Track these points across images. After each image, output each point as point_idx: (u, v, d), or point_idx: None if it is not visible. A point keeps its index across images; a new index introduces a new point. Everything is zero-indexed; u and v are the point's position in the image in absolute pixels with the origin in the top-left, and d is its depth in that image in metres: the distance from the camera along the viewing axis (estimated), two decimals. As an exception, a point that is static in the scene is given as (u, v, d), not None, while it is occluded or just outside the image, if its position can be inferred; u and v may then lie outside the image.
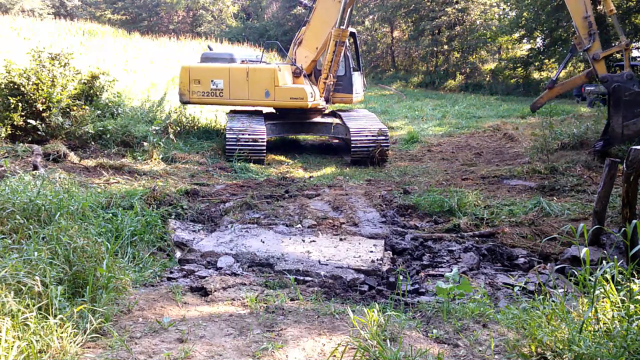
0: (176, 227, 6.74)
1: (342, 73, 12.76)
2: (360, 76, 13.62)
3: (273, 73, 11.87)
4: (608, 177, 5.46)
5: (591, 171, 9.46)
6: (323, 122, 12.67)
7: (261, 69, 12.21)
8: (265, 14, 49.57)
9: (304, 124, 12.68)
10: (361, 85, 13.58)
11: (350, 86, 12.74)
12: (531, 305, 3.78)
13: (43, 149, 9.37)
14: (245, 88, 12.13)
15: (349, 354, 3.34)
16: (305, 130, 13.04)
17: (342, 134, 12.43)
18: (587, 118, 15.56)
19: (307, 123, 12.69)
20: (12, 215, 4.86)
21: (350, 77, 12.70)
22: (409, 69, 40.87)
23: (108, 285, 4.00)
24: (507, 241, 6.44)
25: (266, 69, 12.13)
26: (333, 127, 12.45)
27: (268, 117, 12.55)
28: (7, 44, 19.74)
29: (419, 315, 4.21)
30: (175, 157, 10.74)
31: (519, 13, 34.07)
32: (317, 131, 12.97)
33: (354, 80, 12.81)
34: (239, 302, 4.37)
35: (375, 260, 5.82)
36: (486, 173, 10.18)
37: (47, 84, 10.29)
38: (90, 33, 29.48)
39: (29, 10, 41.98)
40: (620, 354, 2.96)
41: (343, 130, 12.30)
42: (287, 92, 11.81)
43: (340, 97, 12.95)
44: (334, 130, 12.46)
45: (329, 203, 8.23)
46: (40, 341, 3.13)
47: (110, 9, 49.31)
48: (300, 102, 11.72)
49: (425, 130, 16.54)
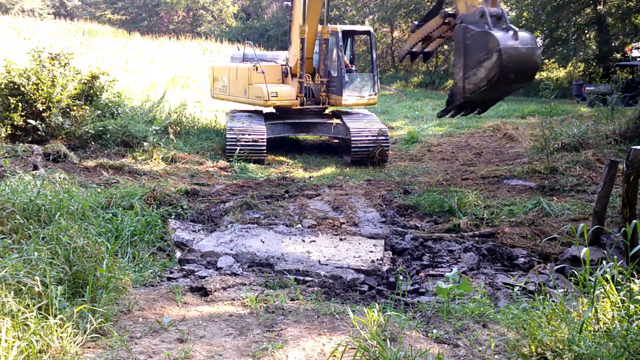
0: (176, 227, 6.74)
1: (335, 74, 12.42)
2: (365, 78, 12.83)
3: (248, 72, 12.37)
4: (608, 177, 5.46)
5: (591, 171, 9.45)
6: (323, 122, 12.60)
7: (242, 69, 12.68)
8: (265, 14, 49.53)
9: (303, 124, 12.60)
10: (362, 87, 12.76)
11: (340, 87, 12.25)
12: (531, 305, 3.78)
13: (43, 149, 9.37)
14: (236, 86, 13.00)
15: (349, 354, 3.33)
16: (305, 130, 12.95)
17: (342, 134, 12.37)
18: (587, 118, 15.57)
19: (307, 123, 12.60)
20: (12, 215, 4.85)
21: (341, 78, 12.20)
22: (409, 69, 40.85)
23: (108, 285, 4.00)
24: (507, 241, 6.44)
25: (244, 69, 12.63)
26: (333, 127, 12.37)
27: (268, 117, 12.56)
28: (7, 44, 19.75)
29: (419, 315, 4.21)
30: (175, 157, 10.74)
31: (519, 13, 34.05)
32: (317, 131, 12.92)
33: (346, 82, 12.24)
34: (239, 302, 4.37)
35: (375, 260, 5.82)
36: (486, 173, 10.17)
37: (47, 84, 10.29)
38: (90, 33, 29.50)
39: (29, 10, 41.94)
40: (620, 354, 2.96)
41: (343, 131, 12.24)
42: (254, 90, 12.15)
43: (334, 99, 12.50)
44: (335, 130, 12.39)
45: (329, 203, 8.23)
46: (40, 341, 3.13)
47: (110, 9, 49.29)
48: (259, 100, 12.07)
49: (425, 130, 16.54)
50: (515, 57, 6.93)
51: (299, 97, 12.22)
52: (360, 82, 12.61)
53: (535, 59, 7.33)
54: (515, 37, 6.95)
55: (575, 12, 31.10)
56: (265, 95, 11.81)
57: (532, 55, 7.22)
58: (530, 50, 7.12)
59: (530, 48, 7.11)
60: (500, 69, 6.89)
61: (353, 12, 42.58)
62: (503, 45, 6.81)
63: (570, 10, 30.85)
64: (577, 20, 31.68)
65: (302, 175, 10.75)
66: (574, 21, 31.73)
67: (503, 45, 6.82)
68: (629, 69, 23.76)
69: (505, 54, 6.82)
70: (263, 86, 11.83)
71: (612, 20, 30.93)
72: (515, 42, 6.95)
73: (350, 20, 39.44)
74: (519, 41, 6.97)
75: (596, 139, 11.19)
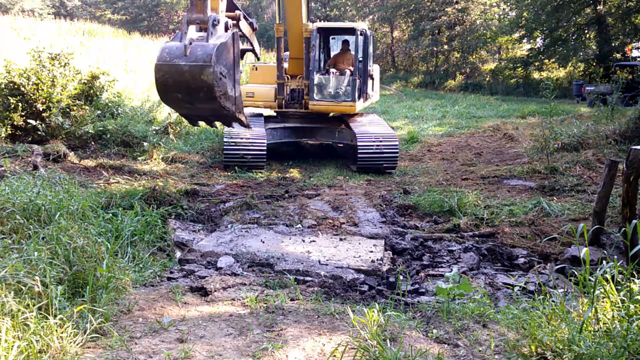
0: (176, 227, 6.74)
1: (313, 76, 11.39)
2: (342, 81, 11.42)
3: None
4: (608, 177, 5.46)
5: (591, 171, 9.45)
6: (327, 126, 11.94)
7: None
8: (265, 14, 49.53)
9: (306, 128, 11.93)
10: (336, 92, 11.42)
11: (311, 90, 11.31)
12: (531, 305, 3.78)
13: (43, 149, 9.37)
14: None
15: (349, 354, 3.33)
16: (308, 135, 12.22)
17: (347, 139, 11.59)
18: (587, 118, 15.58)
19: (309, 127, 11.94)
20: (12, 215, 4.85)
21: (311, 81, 11.28)
22: (409, 69, 40.92)
23: (108, 285, 4.00)
24: (507, 241, 6.44)
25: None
26: (338, 132, 11.68)
27: (268, 120, 12.04)
28: (7, 44, 19.73)
29: (419, 315, 4.21)
30: (175, 157, 10.74)
31: (519, 13, 34.13)
32: (320, 136, 12.16)
33: (316, 84, 11.30)
34: (239, 302, 4.37)
35: (375, 260, 5.82)
36: (486, 173, 10.18)
37: (47, 84, 10.29)
38: (90, 33, 29.47)
39: (29, 10, 41.96)
40: (620, 354, 2.96)
41: (349, 136, 11.45)
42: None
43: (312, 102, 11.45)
44: (339, 135, 11.69)
45: (329, 203, 8.23)
46: (40, 341, 3.13)
47: (110, 9, 49.34)
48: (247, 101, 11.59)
49: (425, 130, 16.55)
50: (174, 74, 5.79)
51: (277, 99, 11.61)
52: (334, 86, 11.41)
53: (202, 78, 5.72)
54: (185, 52, 5.72)
55: (575, 12, 31.12)
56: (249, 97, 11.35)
57: (199, 73, 5.73)
58: (195, 67, 5.72)
59: (197, 65, 5.70)
60: (156, 83, 6.02)
61: (353, 12, 42.63)
62: (159, 61, 5.85)
63: (570, 10, 30.87)
64: (577, 20, 31.71)
65: (302, 175, 10.73)
66: (574, 21, 31.76)
67: (160, 60, 5.84)
68: (629, 69, 23.76)
69: (159, 70, 5.85)
70: (242, 86, 11.35)
71: (612, 20, 30.96)
72: (179, 58, 5.75)
73: (350, 20, 39.45)
74: (188, 57, 5.72)
75: (596, 139, 11.19)
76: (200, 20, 5.93)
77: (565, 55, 31.83)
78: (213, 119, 7.18)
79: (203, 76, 5.66)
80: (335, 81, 11.47)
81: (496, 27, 36.75)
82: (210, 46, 5.72)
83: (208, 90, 5.74)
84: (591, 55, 31.57)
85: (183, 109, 6.68)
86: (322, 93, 11.37)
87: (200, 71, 5.67)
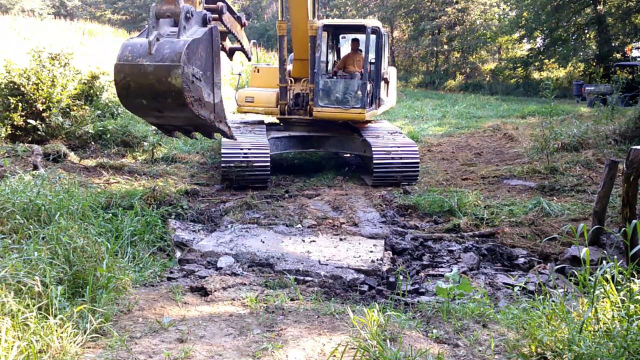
0: (176, 227, 6.74)
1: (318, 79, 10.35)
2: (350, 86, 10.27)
3: (237, 76, 11.76)
4: (608, 177, 5.46)
5: (591, 171, 9.45)
6: (337, 136, 10.71)
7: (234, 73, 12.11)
8: (265, 13, 49.54)
9: (313, 137, 10.66)
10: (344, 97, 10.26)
11: (316, 95, 10.16)
12: (531, 305, 3.78)
13: (43, 149, 9.37)
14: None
15: (349, 354, 3.33)
16: (315, 145, 10.83)
17: (360, 150, 10.47)
18: (587, 118, 15.59)
19: (317, 137, 10.67)
20: (12, 215, 4.86)
21: (316, 84, 10.16)
22: (409, 69, 40.94)
23: (108, 285, 4.00)
24: (507, 241, 6.44)
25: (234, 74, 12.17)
26: (351, 143, 10.60)
27: (271, 129, 10.97)
28: (7, 44, 19.72)
29: (419, 315, 4.21)
30: (175, 157, 10.74)
31: (519, 13, 34.14)
32: (330, 146, 10.84)
33: (321, 89, 10.18)
34: (239, 302, 4.37)
35: (375, 260, 5.82)
36: (486, 173, 10.18)
37: (47, 84, 10.29)
38: (90, 33, 29.49)
39: (29, 10, 41.96)
40: (620, 354, 2.96)
41: (362, 146, 10.32)
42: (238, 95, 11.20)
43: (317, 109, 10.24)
44: (351, 145, 10.65)
45: (329, 203, 8.24)
46: (40, 341, 3.13)
47: (110, 9, 49.33)
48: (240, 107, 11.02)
49: (425, 130, 16.55)
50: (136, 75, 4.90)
51: (280, 104, 10.54)
52: (342, 90, 10.27)
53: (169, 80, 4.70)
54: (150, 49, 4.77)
55: (575, 12, 31.15)
56: (238, 100, 10.67)
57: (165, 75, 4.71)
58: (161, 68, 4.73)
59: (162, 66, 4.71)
60: (116, 87, 5.18)
61: (353, 12, 42.63)
62: (119, 60, 5.05)
63: (570, 10, 30.90)
64: (577, 20, 31.74)
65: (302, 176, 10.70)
66: (574, 21, 31.79)
67: (120, 59, 5.04)
68: (629, 69, 23.77)
69: (119, 71, 5.05)
70: (241, 90, 10.73)
71: (612, 20, 30.99)
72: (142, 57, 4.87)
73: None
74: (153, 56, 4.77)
75: (596, 139, 11.19)
76: (172, 13, 4.87)
77: (565, 55, 31.86)
78: (190, 129, 6.01)
79: (170, 79, 4.65)
80: (343, 85, 10.32)
81: (496, 27, 36.78)
82: (181, 43, 4.73)
83: (177, 95, 4.74)
84: (591, 55, 31.59)
85: (151, 117, 5.51)
86: (328, 98, 10.22)
87: (167, 73, 4.66)
